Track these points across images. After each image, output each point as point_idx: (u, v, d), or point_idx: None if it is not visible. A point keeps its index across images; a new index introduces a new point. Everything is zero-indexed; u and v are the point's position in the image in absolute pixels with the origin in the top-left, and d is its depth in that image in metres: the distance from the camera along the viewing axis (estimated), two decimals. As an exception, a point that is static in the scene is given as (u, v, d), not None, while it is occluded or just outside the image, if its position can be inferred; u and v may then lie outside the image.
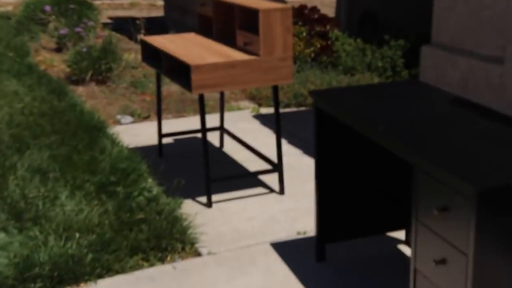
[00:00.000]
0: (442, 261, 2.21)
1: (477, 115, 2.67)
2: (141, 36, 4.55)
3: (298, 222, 3.72)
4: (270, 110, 5.85)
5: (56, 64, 7.78)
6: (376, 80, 6.36)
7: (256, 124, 5.54)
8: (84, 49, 6.87)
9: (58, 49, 8.58)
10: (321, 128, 3.09)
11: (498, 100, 3.99)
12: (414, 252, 2.38)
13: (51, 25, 9.27)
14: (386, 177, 3.26)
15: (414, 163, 2.30)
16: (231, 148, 4.93)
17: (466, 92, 4.23)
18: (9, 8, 12.96)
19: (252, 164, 4.60)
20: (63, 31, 8.37)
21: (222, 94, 4.86)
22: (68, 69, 7.05)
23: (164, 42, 4.27)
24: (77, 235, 3.32)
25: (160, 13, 12.55)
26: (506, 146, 2.30)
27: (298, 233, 3.59)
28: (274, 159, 4.45)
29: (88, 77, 6.75)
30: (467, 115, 2.68)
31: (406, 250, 3.38)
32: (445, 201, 2.16)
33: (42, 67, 7.39)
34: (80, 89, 6.65)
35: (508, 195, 2.03)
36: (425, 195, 2.27)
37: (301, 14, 7.12)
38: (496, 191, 2.01)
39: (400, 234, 3.51)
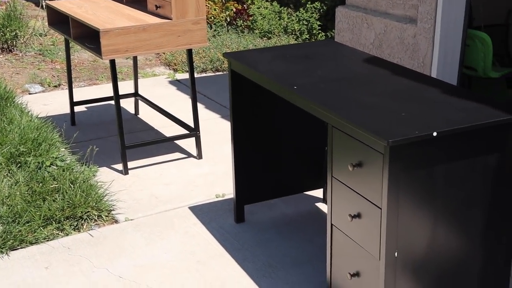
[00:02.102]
0: (357, 216, 2.25)
1: (391, 74, 2.71)
2: (47, 2, 4.35)
3: (216, 186, 3.70)
4: (186, 76, 5.78)
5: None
6: (293, 43, 6.37)
7: (172, 89, 5.45)
8: (-13, 16, 6.53)
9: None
10: (236, 90, 3.07)
11: (411, 59, 4.07)
12: (331, 208, 2.41)
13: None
14: (302, 137, 3.28)
15: (328, 121, 2.32)
16: (147, 115, 4.84)
17: (380, 52, 4.30)
18: None
19: (169, 129, 4.53)
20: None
21: (135, 59, 4.74)
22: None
23: (72, 6, 4.11)
24: (-14, 207, 3.19)
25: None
26: (418, 103, 2.35)
27: (217, 196, 3.58)
28: (191, 124, 4.41)
29: (-8, 46, 6.44)
30: (381, 73, 2.72)
31: (324, 207, 3.43)
32: (359, 157, 2.19)
33: None
34: (-15, 58, 6.34)
35: (418, 149, 2.08)
36: (340, 152, 2.30)
37: (215, -23, 7.02)
38: (407, 145, 2.05)
39: (318, 193, 3.56)
